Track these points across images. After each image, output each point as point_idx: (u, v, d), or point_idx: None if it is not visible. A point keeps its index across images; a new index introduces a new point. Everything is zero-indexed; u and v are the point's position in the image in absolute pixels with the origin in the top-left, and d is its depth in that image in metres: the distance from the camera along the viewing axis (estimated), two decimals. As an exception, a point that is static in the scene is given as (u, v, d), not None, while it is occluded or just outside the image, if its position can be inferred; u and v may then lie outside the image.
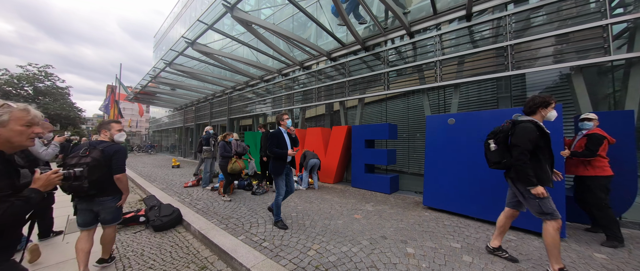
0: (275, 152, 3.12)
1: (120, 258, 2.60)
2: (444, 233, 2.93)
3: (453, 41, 5.06)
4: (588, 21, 3.68)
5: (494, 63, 4.51)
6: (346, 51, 7.00)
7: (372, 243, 2.64)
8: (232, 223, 3.29)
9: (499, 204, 3.02)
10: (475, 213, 3.44)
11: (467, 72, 4.84)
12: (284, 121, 3.32)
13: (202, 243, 2.93)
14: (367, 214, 3.67)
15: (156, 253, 2.68)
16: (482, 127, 3.48)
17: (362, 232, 2.95)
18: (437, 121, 4.03)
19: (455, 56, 4.89)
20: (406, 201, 4.44)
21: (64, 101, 26.14)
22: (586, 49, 3.69)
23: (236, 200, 4.49)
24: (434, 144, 4.03)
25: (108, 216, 2.23)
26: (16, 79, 22.54)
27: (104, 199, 2.14)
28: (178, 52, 7.93)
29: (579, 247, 2.61)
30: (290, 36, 6.18)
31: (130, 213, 3.65)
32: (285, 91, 8.78)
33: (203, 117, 14.55)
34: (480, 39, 4.80)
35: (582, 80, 3.81)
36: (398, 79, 5.85)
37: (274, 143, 3.17)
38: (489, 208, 3.27)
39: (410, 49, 5.68)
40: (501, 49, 4.37)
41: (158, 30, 28.32)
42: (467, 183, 3.57)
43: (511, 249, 2.54)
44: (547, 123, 2.91)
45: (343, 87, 6.82)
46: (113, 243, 2.47)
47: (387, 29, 6.09)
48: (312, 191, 5.32)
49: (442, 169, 3.87)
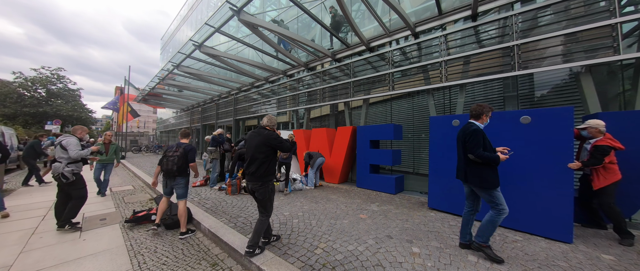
0: (485, 156, 2.26)
1: (135, 254, 2.71)
2: (449, 233, 2.95)
3: (458, 41, 5.05)
4: (597, 20, 3.64)
5: (500, 63, 4.49)
6: (350, 52, 7.04)
7: (377, 242, 2.69)
8: (240, 222, 3.38)
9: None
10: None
11: (472, 72, 4.83)
12: (486, 116, 2.49)
13: (212, 241, 3.02)
14: (372, 214, 3.71)
15: (169, 250, 2.78)
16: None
17: (368, 231, 3.00)
18: (441, 122, 4.04)
19: (460, 56, 4.89)
20: (411, 202, 4.46)
21: (75, 102, 26.88)
22: (595, 48, 3.65)
23: (243, 199, 4.58)
24: (438, 145, 4.04)
25: (180, 191, 3.24)
26: (30, 81, 23.30)
27: (179, 179, 3.20)
28: (186, 55, 8.10)
29: (586, 248, 2.61)
30: (295, 38, 6.26)
31: (142, 211, 3.78)
32: (290, 92, 8.87)
33: (209, 118, 14.78)
34: (486, 39, 4.78)
35: (591, 80, 3.77)
36: (403, 80, 5.87)
37: (479, 143, 2.31)
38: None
39: (415, 50, 5.68)
40: (508, 49, 4.35)
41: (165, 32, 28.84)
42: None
43: (517, 249, 2.55)
44: (557, 128, 2.99)
45: (348, 88, 6.86)
46: (185, 218, 3.24)
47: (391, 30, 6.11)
48: (317, 191, 5.38)
49: (447, 171, 3.87)
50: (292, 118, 9.43)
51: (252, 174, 2.46)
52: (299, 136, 7.02)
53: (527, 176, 3.09)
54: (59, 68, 25.16)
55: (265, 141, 2.48)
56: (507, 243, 2.71)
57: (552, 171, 2.95)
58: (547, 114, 3.10)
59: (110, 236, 3.21)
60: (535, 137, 3.10)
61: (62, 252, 2.78)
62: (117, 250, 2.82)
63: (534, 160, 3.06)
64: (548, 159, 2.99)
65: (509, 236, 2.89)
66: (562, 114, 2.96)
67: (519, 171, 3.13)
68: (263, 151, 2.47)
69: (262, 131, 2.58)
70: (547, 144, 3.03)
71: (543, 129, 3.08)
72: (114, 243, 3.01)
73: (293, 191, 5.25)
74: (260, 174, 2.44)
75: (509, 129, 3.29)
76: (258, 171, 2.44)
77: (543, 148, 3.04)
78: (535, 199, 3.01)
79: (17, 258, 2.62)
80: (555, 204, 2.89)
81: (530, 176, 3.08)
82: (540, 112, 3.16)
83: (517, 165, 3.10)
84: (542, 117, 3.12)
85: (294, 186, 5.36)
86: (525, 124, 3.24)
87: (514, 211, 2.73)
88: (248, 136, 2.78)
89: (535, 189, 3.02)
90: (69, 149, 3.30)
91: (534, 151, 3.07)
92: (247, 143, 2.64)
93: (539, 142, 3.07)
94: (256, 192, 2.47)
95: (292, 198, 4.68)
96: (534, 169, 3.05)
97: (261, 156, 2.46)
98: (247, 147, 2.60)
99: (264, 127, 2.63)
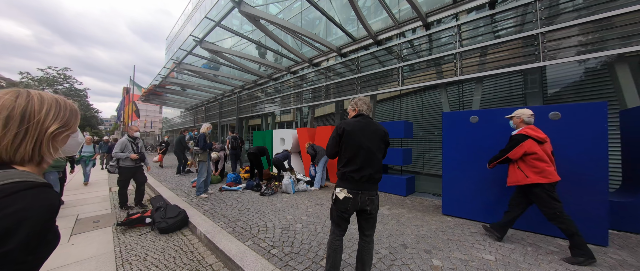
0: None
1: (123, 263, 2.46)
2: (472, 242, 2.62)
3: (475, 31, 4.68)
4: (634, 3, 3.24)
5: (521, 54, 4.11)
6: (357, 46, 6.71)
7: (392, 253, 2.38)
8: (239, 226, 3.10)
9: (533, 211, 2.71)
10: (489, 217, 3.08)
11: (490, 64, 4.45)
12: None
13: (208, 248, 2.75)
14: (383, 218, 3.40)
15: (159, 259, 2.52)
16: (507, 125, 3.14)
17: (380, 239, 2.69)
18: (457, 119, 3.67)
19: (477, 47, 4.52)
20: (424, 205, 4.13)
21: (82, 102, 27.19)
22: (631, 35, 3.26)
23: (243, 201, 4.32)
24: (453, 145, 3.67)
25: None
26: (37, 81, 23.63)
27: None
28: (187, 52, 7.90)
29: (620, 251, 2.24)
30: (299, 31, 5.97)
31: (136, 213, 3.54)
32: (294, 89, 8.59)
33: (213, 117, 14.62)
34: (505, 28, 4.40)
35: (628, 70, 3.38)
36: (413, 74, 5.52)
37: None
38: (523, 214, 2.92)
39: (426, 42, 5.33)
40: (530, 38, 3.97)
41: (170, 32, 28.96)
42: (493, 188, 3.22)
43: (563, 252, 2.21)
44: (590, 124, 2.69)
45: (354, 84, 6.54)
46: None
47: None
48: (322, 192, 5.08)
49: (464, 173, 3.50)
50: (296, 117, 9.15)
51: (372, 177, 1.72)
52: (303, 134, 6.73)
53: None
54: (65, 68, 25.49)
55: (384, 137, 1.82)
56: (543, 255, 2.36)
57: (585, 171, 2.64)
58: (579, 109, 2.79)
59: (100, 241, 2.98)
60: (566, 135, 2.78)
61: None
62: (105, 258, 2.58)
63: (566, 159, 2.71)
64: (581, 158, 2.68)
65: (542, 247, 2.54)
66: (595, 110, 2.67)
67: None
68: (382, 150, 1.82)
69: (374, 123, 1.83)
70: (578, 142, 2.72)
71: (574, 126, 2.77)
72: (103, 249, 2.77)
73: (297, 192, 4.96)
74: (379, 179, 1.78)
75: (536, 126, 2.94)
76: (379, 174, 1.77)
77: (574, 147, 2.73)
78: (568, 202, 2.65)
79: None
80: (590, 206, 2.58)
81: (563, 177, 2.72)
82: (572, 107, 2.83)
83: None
84: (573, 113, 2.80)
85: (298, 187, 5.08)
86: (555, 120, 2.89)
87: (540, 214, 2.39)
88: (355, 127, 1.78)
89: (567, 190, 2.67)
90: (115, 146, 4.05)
91: (565, 151, 2.74)
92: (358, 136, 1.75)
93: (570, 140, 2.76)
94: (370, 205, 1.71)
95: (296, 200, 4.39)
96: (567, 170, 2.69)
97: (381, 155, 1.81)
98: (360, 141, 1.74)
99: (369, 117, 1.86)
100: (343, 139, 1.74)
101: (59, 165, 4.08)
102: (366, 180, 1.68)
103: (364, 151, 1.70)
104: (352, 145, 1.72)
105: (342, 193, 1.67)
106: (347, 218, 1.73)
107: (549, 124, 2.87)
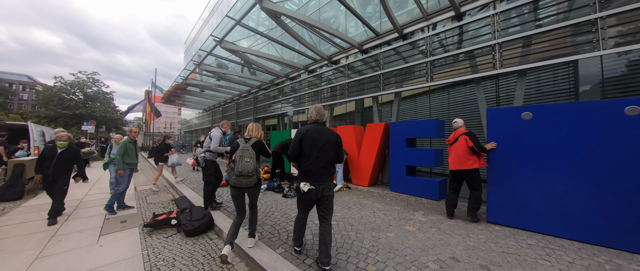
0: None
1: (151, 268, 2.36)
2: (534, 257, 2.27)
3: (519, 19, 4.23)
4: None
5: (572, 43, 3.64)
6: (380, 41, 6.40)
7: (443, 268, 2.09)
8: (266, 231, 2.94)
9: (605, 220, 2.32)
10: (570, 232, 2.68)
11: (535, 55, 4.00)
12: None
13: (236, 254, 2.60)
14: (420, 225, 3.10)
15: (188, 265, 2.40)
16: (573, 122, 2.74)
17: (424, 250, 2.41)
18: (505, 116, 3.29)
19: (519, 37, 4.08)
20: (462, 211, 3.76)
21: (108, 104, 28.69)
22: None
23: (267, 203, 4.17)
24: (501, 145, 3.29)
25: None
26: (69, 86, 25.19)
27: None
28: (207, 52, 7.95)
29: None
30: (319, 26, 5.76)
31: (162, 214, 3.49)
32: (312, 88, 8.40)
33: (230, 118, 14.80)
34: (550, 16, 3.93)
35: None
36: (442, 69, 5.13)
37: None
38: (592, 225, 2.53)
39: (458, 34, 4.93)
40: (587, 23, 3.50)
41: (188, 36, 29.91)
42: (552, 194, 2.83)
43: None
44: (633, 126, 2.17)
45: (376, 81, 6.24)
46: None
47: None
48: (346, 194, 4.84)
49: (515, 176, 3.11)
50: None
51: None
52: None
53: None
54: (93, 72, 26.97)
55: (335, 138, 2.29)
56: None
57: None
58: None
59: (127, 243, 2.93)
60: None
61: (76, 260, 2.52)
62: (133, 261, 2.50)
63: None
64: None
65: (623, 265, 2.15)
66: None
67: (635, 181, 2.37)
68: (334, 149, 2.29)
69: (326, 128, 2.32)
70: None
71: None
72: (131, 252, 2.70)
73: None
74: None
75: (607, 125, 2.54)
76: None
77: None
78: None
79: (30, 266, 2.39)
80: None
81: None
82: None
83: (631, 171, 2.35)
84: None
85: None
86: (633, 116, 2.47)
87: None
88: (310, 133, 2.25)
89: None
90: (213, 141, 3.73)
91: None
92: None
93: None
94: (328, 192, 2.19)
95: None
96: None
97: (333, 152, 2.28)
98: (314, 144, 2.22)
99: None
100: (303, 143, 2.18)
101: (131, 163, 4.27)
102: (323, 173, 2.12)
103: (318, 149, 2.14)
104: (310, 146, 2.15)
105: (306, 187, 2.10)
106: (312, 205, 2.21)
107: (625, 120, 2.45)
